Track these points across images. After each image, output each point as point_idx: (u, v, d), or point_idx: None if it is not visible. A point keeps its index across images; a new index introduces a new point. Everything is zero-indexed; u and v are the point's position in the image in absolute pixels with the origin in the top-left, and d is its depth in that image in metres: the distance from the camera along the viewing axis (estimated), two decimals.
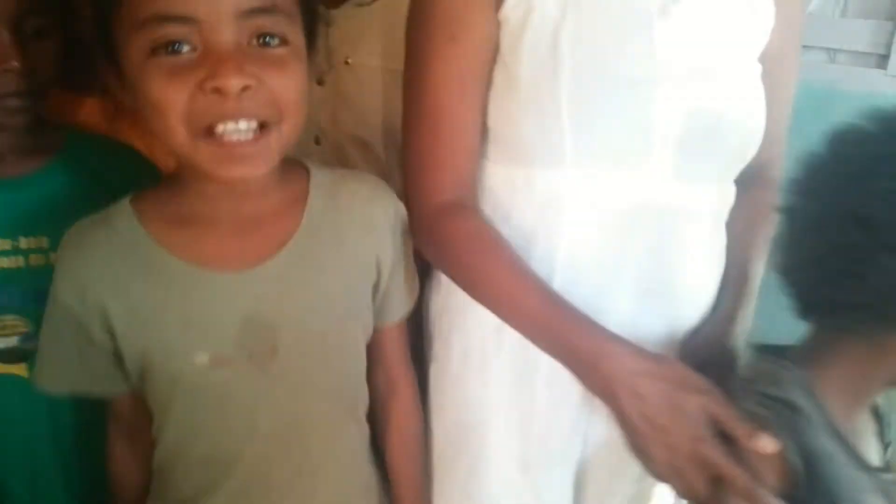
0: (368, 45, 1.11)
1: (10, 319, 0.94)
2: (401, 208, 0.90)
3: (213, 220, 0.79)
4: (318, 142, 1.15)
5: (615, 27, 0.80)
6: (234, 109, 0.68)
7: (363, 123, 1.13)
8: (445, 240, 0.87)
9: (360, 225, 0.85)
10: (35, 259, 0.95)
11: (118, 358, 0.81)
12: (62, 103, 1.05)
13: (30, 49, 0.86)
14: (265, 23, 0.70)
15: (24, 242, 0.94)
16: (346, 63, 1.12)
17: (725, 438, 0.70)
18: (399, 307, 0.93)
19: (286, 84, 0.71)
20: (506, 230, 0.86)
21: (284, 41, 0.72)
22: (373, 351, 0.92)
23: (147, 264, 0.78)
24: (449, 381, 0.96)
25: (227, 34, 0.68)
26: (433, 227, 0.87)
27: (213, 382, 0.80)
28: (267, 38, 0.71)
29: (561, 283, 0.84)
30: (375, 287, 0.88)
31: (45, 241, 0.95)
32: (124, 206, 0.80)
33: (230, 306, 0.78)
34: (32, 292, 0.93)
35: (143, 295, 0.78)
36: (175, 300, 0.78)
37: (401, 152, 0.91)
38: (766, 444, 0.68)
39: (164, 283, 0.78)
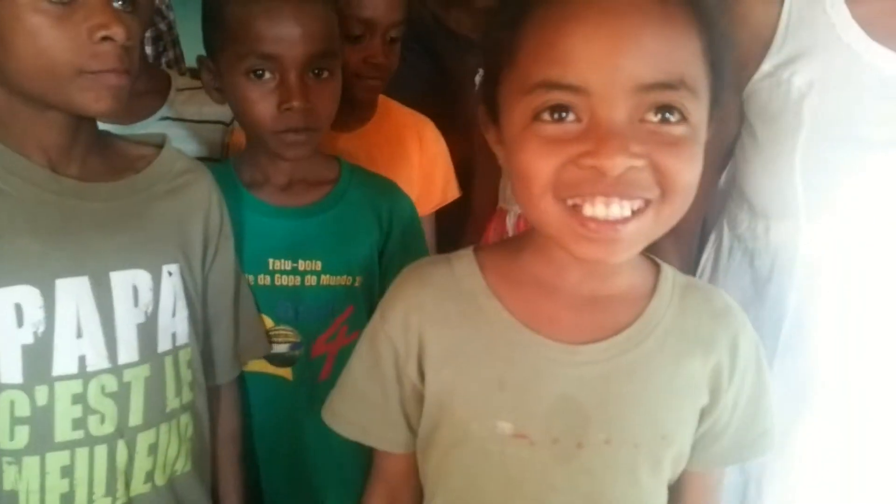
0: None
1: (284, 329, 1.11)
2: (754, 339, 0.80)
3: (554, 288, 0.76)
4: None
5: (860, 96, 0.92)
6: (609, 188, 0.62)
7: None
8: None
9: (703, 340, 0.77)
10: (309, 280, 1.10)
11: (417, 403, 0.80)
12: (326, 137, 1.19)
13: (312, 90, 1.02)
14: (666, 98, 0.62)
15: (301, 264, 1.10)
16: None
17: None
18: (725, 454, 0.81)
19: (679, 167, 0.63)
20: (749, 271, 1.02)
21: (684, 119, 0.63)
22: (674, 495, 0.81)
23: (479, 313, 0.76)
24: None
25: (619, 110, 0.61)
26: None
27: (507, 456, 0.75)
28: (666, 114, 0.63)
29: (792, 320, 0.97)
30: (703, 415, 0.78)
31: (318, 265, 1.10)
32: (467, 254, 0.80)
33: (550, 378, 0.73)
34: (304, 308, 1.10)
35: (468, 341, 0.76)
36: (497, 355, 0.74)
37: None
38: None
39: (492, 334, 0.75)
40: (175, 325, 0.93)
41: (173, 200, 0.95)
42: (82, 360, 0.84)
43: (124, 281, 0.87)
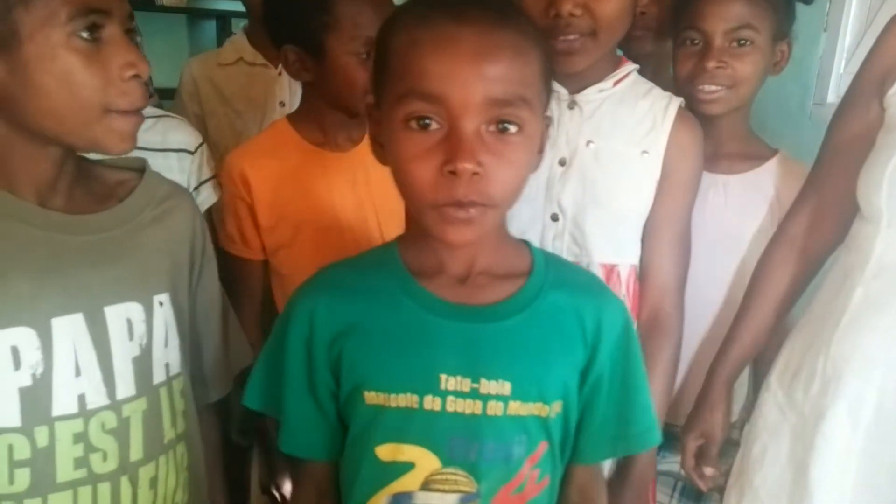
0: (609, 129, 1.16)
1: (453, 473, 0.83)
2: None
3: None
4: (555, 219, 1.17)
5: None
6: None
7: (602, 203, 1.16)
8: None
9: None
10: (493, 407, 0.83)
11: None
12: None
13: (492, 148, 0.78)
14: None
15: (485, 385, 0.83)
16: (588, 145, 1.16)
17: None
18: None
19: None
20: (841, 264, 1.08)
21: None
22: None
23: None
24: None
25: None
26: None
27: None
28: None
29: (850, 317, 1.01)
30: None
31: (507, 387, 0.83)
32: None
33: None
34: (485, 446, 0.83)
35: None
36: None
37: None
38: None
39: None
40: (168, 356, 0.92)
41: (160, 228, 0.93)
42: (82, 398, 0.83)
43: (118, 315, 0.86)
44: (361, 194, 1.35)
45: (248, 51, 1.88)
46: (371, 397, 0.83)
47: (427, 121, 0.76)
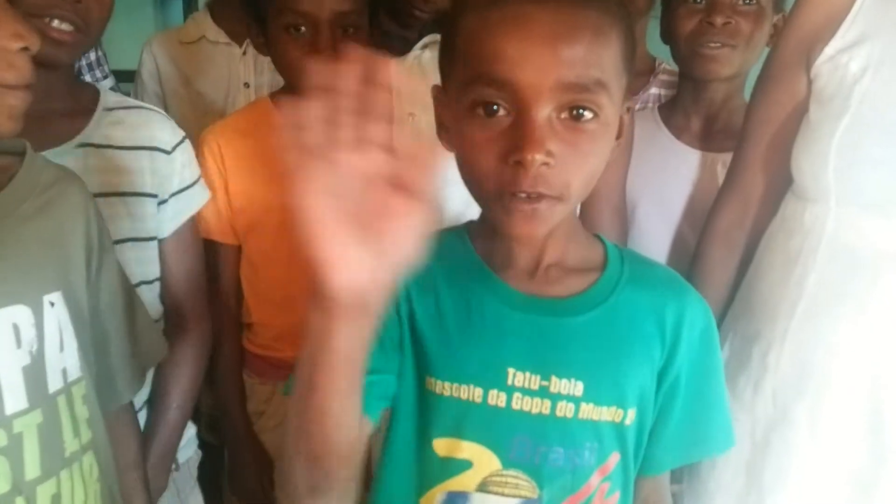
0: None
1: (514, 476, 0.79)
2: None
3: None
4: None
5: None
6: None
7: None
8: None
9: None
10: (563, 408, 0.78)
11: None
12: None
13: (561, 134, 0.72)
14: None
15: (555, 384, 0.78)
16: None
17: None
18: None
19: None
20: (783, 249, 1.01)
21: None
22: None
23: None
24: None
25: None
26: None
27: None
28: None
29: (806, 305, 0.95)
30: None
31: (579, 387, 0.78)
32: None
33: None
34: (551, 450, 0.78)
35: None
36: None
37: None
38: None
39: None
40: (64, 360, 0.83)
41: (46, 218, 0.85)
42: None
43: (3, 321, 0.78)
44: None
45: (210, 28, 1.79)
46: (432, 384, 0.79)
47: (494, 107, 0.71)
